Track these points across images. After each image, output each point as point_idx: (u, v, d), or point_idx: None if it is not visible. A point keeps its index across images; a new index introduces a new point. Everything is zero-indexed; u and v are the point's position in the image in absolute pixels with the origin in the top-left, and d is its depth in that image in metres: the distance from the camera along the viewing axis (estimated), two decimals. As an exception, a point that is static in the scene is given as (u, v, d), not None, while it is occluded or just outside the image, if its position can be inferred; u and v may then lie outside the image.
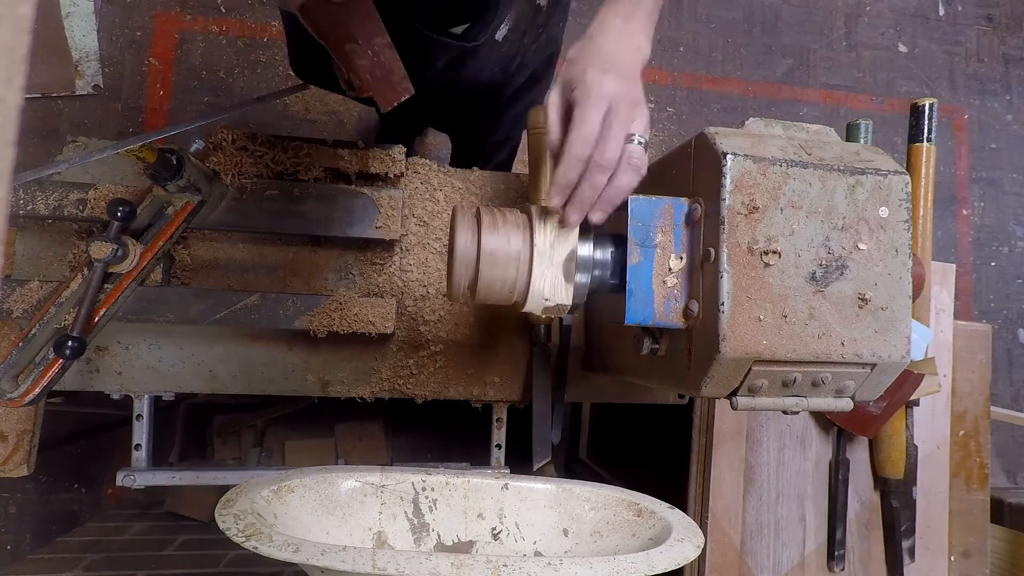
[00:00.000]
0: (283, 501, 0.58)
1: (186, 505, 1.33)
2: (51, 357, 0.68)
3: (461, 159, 1.25)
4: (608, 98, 0.49)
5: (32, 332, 0.68)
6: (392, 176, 0.82)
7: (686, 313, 0.53)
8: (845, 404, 0.54)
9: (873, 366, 0.52)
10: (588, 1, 1.74)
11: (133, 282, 0.71)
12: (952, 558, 0.94)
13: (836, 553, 0.87)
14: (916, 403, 0.91)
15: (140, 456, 0.80)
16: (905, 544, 0.90)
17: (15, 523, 1.55)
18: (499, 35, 0.81)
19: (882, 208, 0.52)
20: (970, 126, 2.26)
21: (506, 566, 0.46)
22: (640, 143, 0.51)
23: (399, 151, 0.82)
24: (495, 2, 0.76)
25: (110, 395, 0.81)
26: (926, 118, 0.84)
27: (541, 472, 0.85)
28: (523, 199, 0.89)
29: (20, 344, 0.67)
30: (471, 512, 0.67)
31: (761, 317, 0.49)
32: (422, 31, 0.75)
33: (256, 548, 0.46)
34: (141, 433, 0.80)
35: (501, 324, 0.87)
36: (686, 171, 0.56)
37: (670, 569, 0.50)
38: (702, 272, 0.52)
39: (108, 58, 1.74)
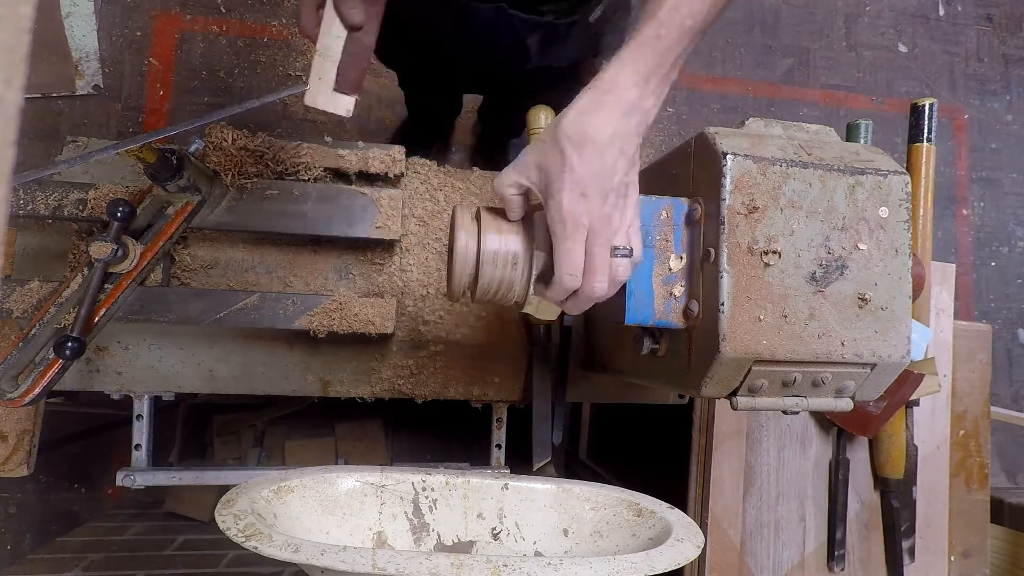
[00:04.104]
0: (283, 501, 0.58)
1: (186, 505, 1.33)
2: (51, 357, 0.68)
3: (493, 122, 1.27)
4: (585, 226, 0.46)
5: (32, 332, 0.68)
6: (392, 176, 0.82)
7: (686, 313, 0.53)
8: (845, 404, 0.54)
9: (873, 366, 0.52)
10: None
11: (133, 282, 0.71)
12: (952, 558, 0.94)
13: (836, 553, 0.87)
14: (916, 403, 0.91)
15: (140, 456, 0.80)
16: (905, 544, 0.90)
17: (15, 523, 1.55)
18: (592, 17, 0.84)
19: (882, 208, 0.52)
20: (970, 126, 2.26)
21: (506, 566, 0.46)
22: (624, 255, 0.48)
23: (399, 151, 0.82)
24: None
25: (110, 395, 0.81)
26: (926, 118, 0.84)
27: (541, 472, 0.85)
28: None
29: (20, 344, 0.67)
30: (471, 512, 0.67)
31: (761, 317, 0.49)
32: (512, 12, 0.78)
33: (256, 548, 0.46)
34: (141, 433, 0.80)
35: (501, 324, 0.87)
36: (686, 171, 0.56)
37: (670, 569, 0.50)
38: (702, 272, 0.52)
39: (108, 58, 1.74)
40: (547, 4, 0.81)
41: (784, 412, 0.54)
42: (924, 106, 0.85)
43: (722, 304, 0.49)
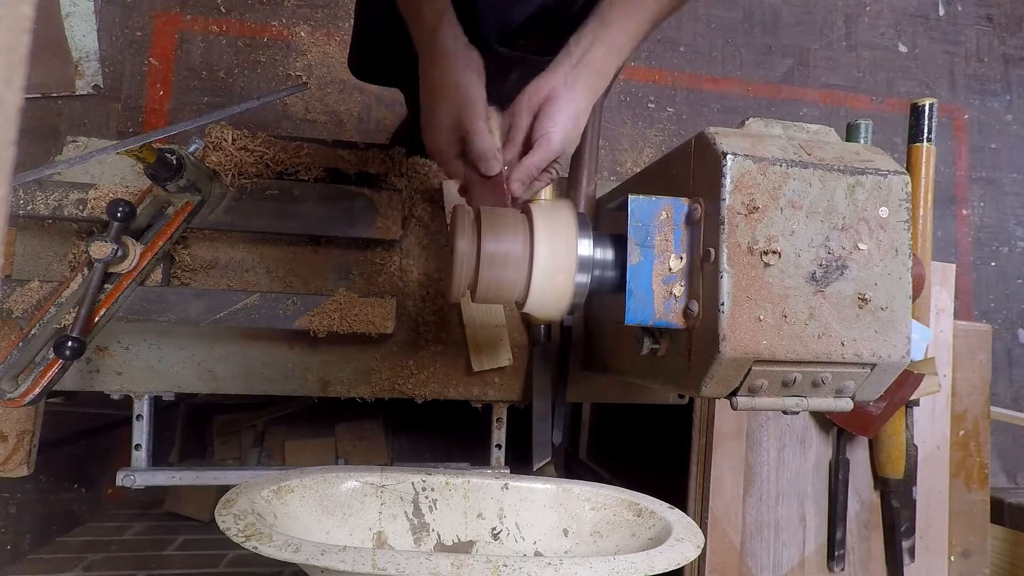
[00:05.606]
0: (283, 501, 0.58)
1: (186, 505, 1.33)
2: (51, 357, 0.68)
3: None
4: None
5: (32, 332, 0.68)
6: (392, 176, 0.82)
7: (686, 313, 0.53)
8: (845, 404, 0.54)
9: (873, 366, 0.52)
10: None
11: (133, 282, 0.71)
12: (952, 558, 0.94)
13: (836, 553, 0.87)
14: (916, 403, 0.91)
15: (140, 456, 0.80)
16: (905, 544, 0.90)
17: (15, 523, 1.55)
18: None
19: (882, 208, 0.52)
20: (970, 126, 2.26)
21: (506, 566, 0.46)
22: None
23: (399, 151, 0.82)
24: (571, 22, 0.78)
25: (110, 395, 0.81)
26: (926, 118, 0.84)
27: (541, 472, 0.85)
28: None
29: (20, 344, 0.67)
30: (471, 512, 0.67)
31: (761, 317, 0.49)
32: (496, 48, 0.77)
33: (256, 548, 0.46)
34: (141, 433, 0.80)
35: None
36: (686, 171, 0.56)
37: (670, 569, 0.50)
38: (702, 272, 0.52)
39: (108, 58, 1.74)
40: (525, 39, 0.80)
41: (784, 412, 0.54)
42: (924, 106, 0.85)
43: (722, 304, 0.49)
